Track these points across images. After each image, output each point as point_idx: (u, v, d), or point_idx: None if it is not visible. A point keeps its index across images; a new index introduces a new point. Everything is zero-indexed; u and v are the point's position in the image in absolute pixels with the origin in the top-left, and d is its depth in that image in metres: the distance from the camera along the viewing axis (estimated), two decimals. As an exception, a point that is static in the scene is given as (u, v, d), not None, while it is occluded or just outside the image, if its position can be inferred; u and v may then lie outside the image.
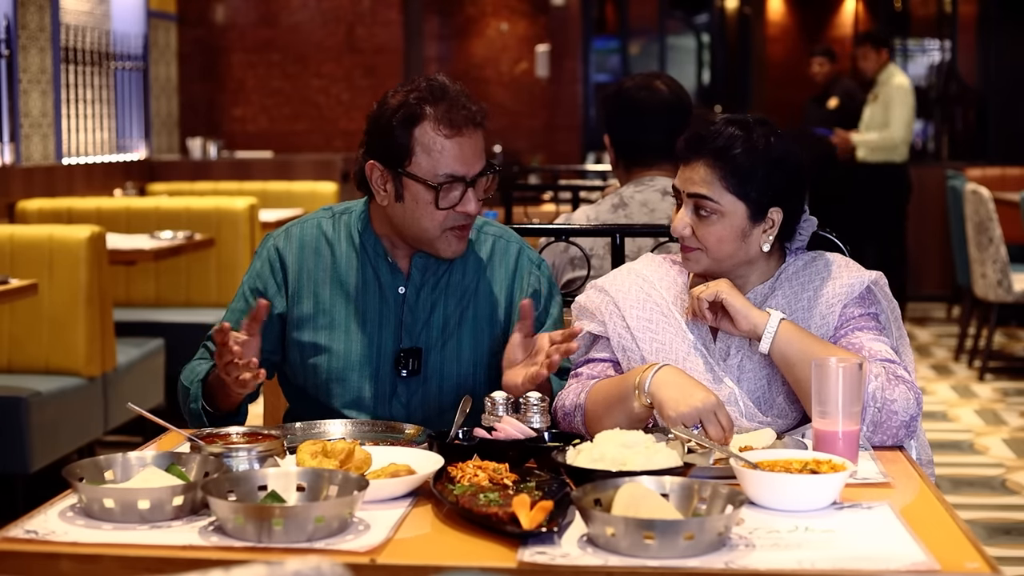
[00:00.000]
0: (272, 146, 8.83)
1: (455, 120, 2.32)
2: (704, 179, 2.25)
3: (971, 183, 7.10)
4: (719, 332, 2.32)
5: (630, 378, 2.16)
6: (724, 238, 2.26)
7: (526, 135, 10.38)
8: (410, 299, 2.44)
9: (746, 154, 2.25)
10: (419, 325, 2.44)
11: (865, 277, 2.31)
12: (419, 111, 2.33)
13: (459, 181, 2.34)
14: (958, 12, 10.37)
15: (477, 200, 2.36)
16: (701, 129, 2.29)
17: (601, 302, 2.39)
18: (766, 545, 1.68)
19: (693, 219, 2.28)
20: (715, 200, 2.25)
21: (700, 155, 2.26)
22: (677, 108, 3.26)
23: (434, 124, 2.32)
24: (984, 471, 5.17)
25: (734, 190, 2.25)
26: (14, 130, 6.57)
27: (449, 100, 2.34)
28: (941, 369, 7.26)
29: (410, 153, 2.34)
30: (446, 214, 2.35)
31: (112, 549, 1.70)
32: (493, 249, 2.52)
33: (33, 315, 4.69)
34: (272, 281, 2.48)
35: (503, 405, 2.19)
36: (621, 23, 11.49)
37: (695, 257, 2.30)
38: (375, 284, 2.45)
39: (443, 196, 2.34)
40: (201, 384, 2.40)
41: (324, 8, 8.98)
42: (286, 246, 2.49)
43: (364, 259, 2.46)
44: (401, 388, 2.44)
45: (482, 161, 2.37)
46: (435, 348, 2.44)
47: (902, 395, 2.16)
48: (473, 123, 2.35)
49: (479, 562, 1.65)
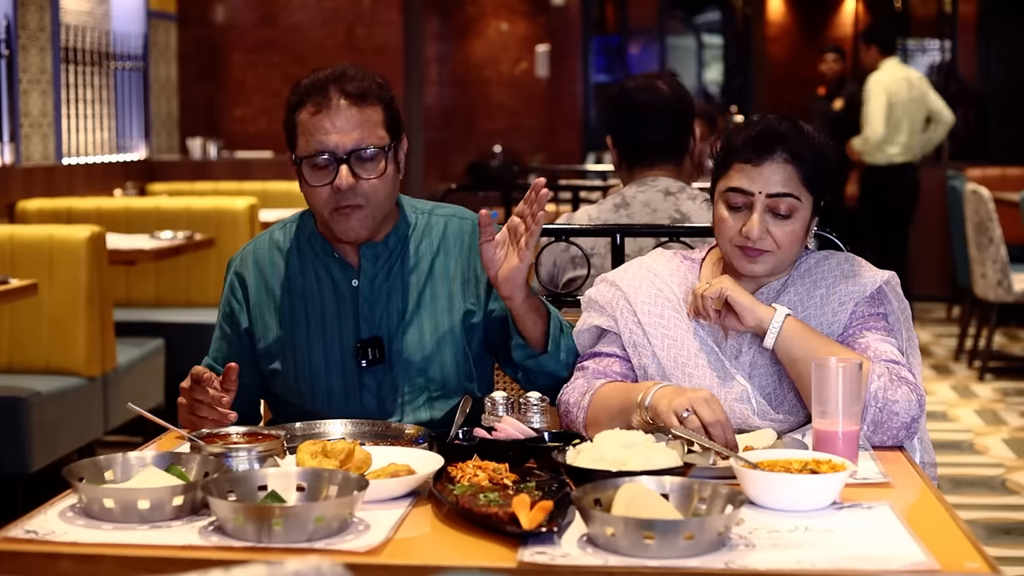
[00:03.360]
0: (272, 146, 8.83)
1: (322, 96, 2.34)
2: (786, 178, 2.24)
3: (971, 183, 7.10)
4: (731, 329, 2.32)
5: (633, 393, 2.16)
6: (799, 236, 2.27)
7: (526, 135, 10.38)
8: (364, 291, 2.45)
9: (814, 151, 2.26)
10: (377, 314, 2.44)
11: (878, 277, 2.31)
12: (300, 96, 2.37)
13: (329, 156, 2.34)
14: (958, 12, 10.37)
15: (350, 176, 2.33)
16: (767, 130, 2.26)
17: (612, 296, 2.38)
18: (766, 545, 1.68)
19: (769, 220, 2.26)
20: (798, 197, 2.25)
21: (772, 153, 2.25)
22: (679, 108, 3.26)
23: (308, 104, 2.35)
24: (984, 471, 5.17)
25: (809, 187, 2.26)
26: (14, 130, 6.56)
27: (325, 79, 2.36)
28: (941, 369, 7.26)
29: (295, 137, 2.39)
30: (327, 193, 2.35)
31: (112, 549, 1.70)
32: (446, 229, 2.51)
33: (33, 315, 4.69)
34: (234, 301, 2.52)
35: (503, 405, 2.19)
36: (621, 23, 11.49)
37: (764, 259, 2.28)
38: (328, 282, 2.46)
39: (310, 172, 2.35)
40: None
41: (324, 8, 8.97)
42: (242, 266, 2.53)
43: (315, 260, 2.48)
44: (368, 379, 2.43)
45: (358, 137, 2.33)
46: (396, 335, 2.44)
47: (904, 396, 2.16)
48: (346, 96, 2.34)
49: (479, 562, 1.65)
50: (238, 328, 2.50)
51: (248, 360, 2.47)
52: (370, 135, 2.35)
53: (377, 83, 2.39)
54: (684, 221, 3.15)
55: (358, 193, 2.35)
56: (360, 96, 2.35)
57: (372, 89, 2.37)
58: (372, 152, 2.34)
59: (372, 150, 2.34)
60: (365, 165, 2.35)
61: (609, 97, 3.37)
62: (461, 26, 10.51)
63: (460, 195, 5.48)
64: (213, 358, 2.52)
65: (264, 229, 6.47)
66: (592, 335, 2.41)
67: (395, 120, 2.41)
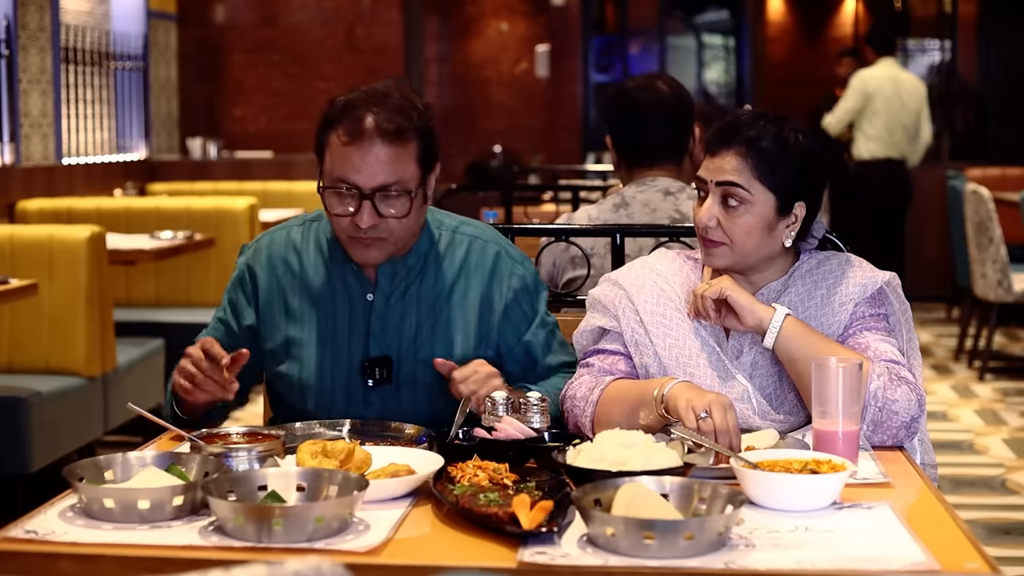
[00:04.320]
0: (272, 146, 8.83)
1: (355, 128, 2.25)
2: (735, 168, 2.24)
3: (971, 183, 7.10)
4: (731, 329, 2.32)
5: (648, 389, 2.16)
6: (752, 230, 2.25)
7: (526, 135, 10.38)
8: (378, 307, 2.40)
9: (777, 145, 2.25)
10: (388, 333, 2.40)
11: (879, 277, 2.31)
12: (335, 115, 2.29)
13: (353, 190, 2.27)
14: (958, 12, 10.37)
15: (372, 214, 2.26)
16: (731, 122, 2.28)
17: (615, 296, 2.38)
18: (766, 545, 1.68)
19: (720, 211, 2.26)
20: (746, 188, 2.24)
21: (731, 145, 2.25)
22: (679, 108, 3.27)
23: (340, 129, 2.27)
24: (984, 471, 5.17)
25: (764, 180, 2.24)
26: (14, 130, 6.57)
27: (363, 107, 2.26)
28: (941, 369, 7.26)
29: (323, 156, 2.32)
30: (347, 222, 2.29)
31: (112, 549, 1.70)
32: (469, 251, 2.45)
33: (33, 315, 4.69)
34: (242, 293, 2.48)
35: (503, 405, 2.19)
36: (621, 23, 11.49)
37: (719, 252, 2.28)
38: (343, 292, 2.42)
39: (331, 201, 2.29)
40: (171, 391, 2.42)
41: (324, 8, 8.97)
42: (255, 257, 2.48)
43: (332, 267, 2.43)
44: (373, 397, 2.40)
45: (386, 176, 2.26)
46: (407, 356, 2.40)
47: (904, 395, 2.16)
48: (380, 132, 2.25)
49: (479, 562, 1.65)
50: (240, 322, 2.47)
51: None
52: (399, 174, 2.27)
53: (417, 111, 2.30)
54: (684, 221, 3.15)
55: (380, 228, 2.29)
56: (395, 133, 2.26)
57: (409, 122, 2.27)
58: (398, 191, 2.28)
59: (399, 189, 2.28)
60: (390, 203, 2.28)
61: (609, 97, 3.37)
62: (461, 26, 10.51)
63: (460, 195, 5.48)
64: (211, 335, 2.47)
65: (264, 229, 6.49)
66: (595, 334, 2.41)
67: (430, 151, 2.32)
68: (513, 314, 2.44)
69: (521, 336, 2.44)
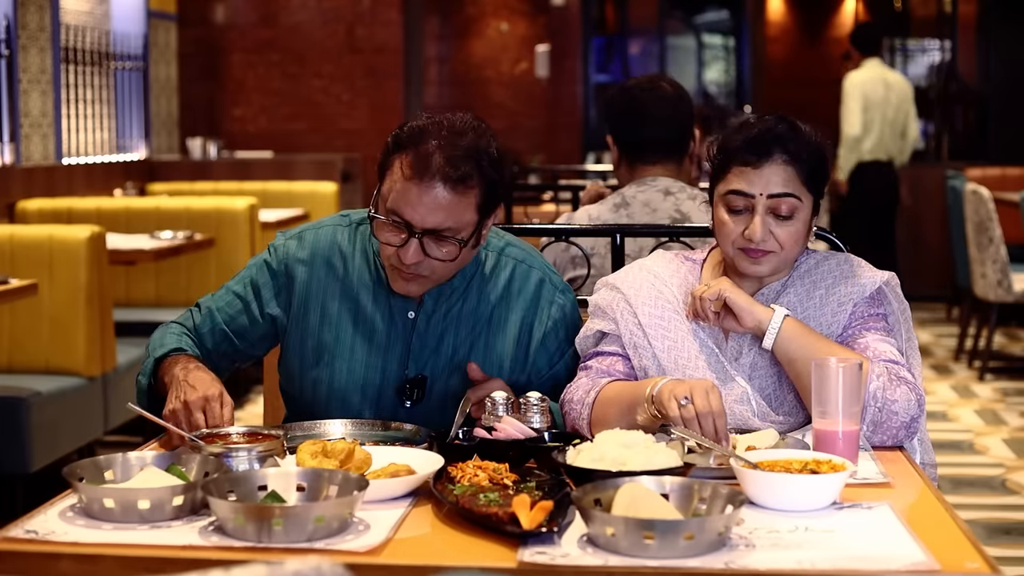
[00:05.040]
0: (272, 146, 8.83)
1: (420, 165, 2.19)
2: (787, 179, 2.25)
3: (971, 183, 7.10)
4: (730, 331, 2.32)
5: (642, 389, 2.16)
6: (801, 236, 2.28)
7: (526, 135, 10.37)
8: (420, 326, 2.37)
9: (813, 151, 2.27)
10: (427, 353, 2.37)
11: (877, 277, 2.31)
12: (405, 141, 2.23)
13: (403, 224, 2.22)
14: (958, 12, 10.37)
15: (418, 252, 2.22)
16: (765, 131, 2.26)
17: (612, 299, 2.38)
18: (766, 545, 1.68)
19: (772, 222, 2.26)
20: (799, 198, 2.25)
21: (771, 154, 2.24)
22: (681, 108, 3.29)
23: (406, 157, 2.21)
24: (984, 471, 5.17)
25: (809, 186, 2.27)
26: (14, 130, 6.57)
27: (434, 140, 2.20)
28: (941, 369, 7.26)
29: (384, 177, 2.26)
30: (391, 250, 2.25)
31: (112, 549, 1.70)
32: (512, 276, 2.41)
33: (33, 315, 4.69)
34: (272, 282, 2.42)
35: (503, 405, 2.19)
36: (621, 23, 11.49)
37: (768, 260, 2.27)
38: (386, 305, 2.38)
39: (382, 226, 2.24)
40: (156, 362, 2.38)
41: (324, 8, 8.97)
42: (298, 250, 2.42)
43: (376, 278, 2.39)
44: (403, 415, 2.37)
45: (440, 220, 2.20)
46: (441, 377, 2.38)
47: (903, 395, 2.16)
48: (444, 176, 2.18)
49: (479, 562, 1.65)
50: (263, 308, 2.41)
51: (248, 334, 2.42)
52: (455, 220, 2.22)
53: (488, 158, 2.23)
54: (684, 221, 3.15)
55: (423, 266, 2.25)
56: (460, 180, 2.19)
57: (477, 169, 2.21)
58: (450, 236, 2.22)
59: (450, 235, 2.22)
60: (439, 245, 2.23)
61: (612, 96, 3.38)
62: (461, 26, 10.51)
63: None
64: (218, 308, 2.43)
65: (264, 229, 6.48)
66: (596, 339, 2.41)
67: (492, 198, 2.26)
68: (549, 343, 2.43)
69: (553, 365, 2.43)
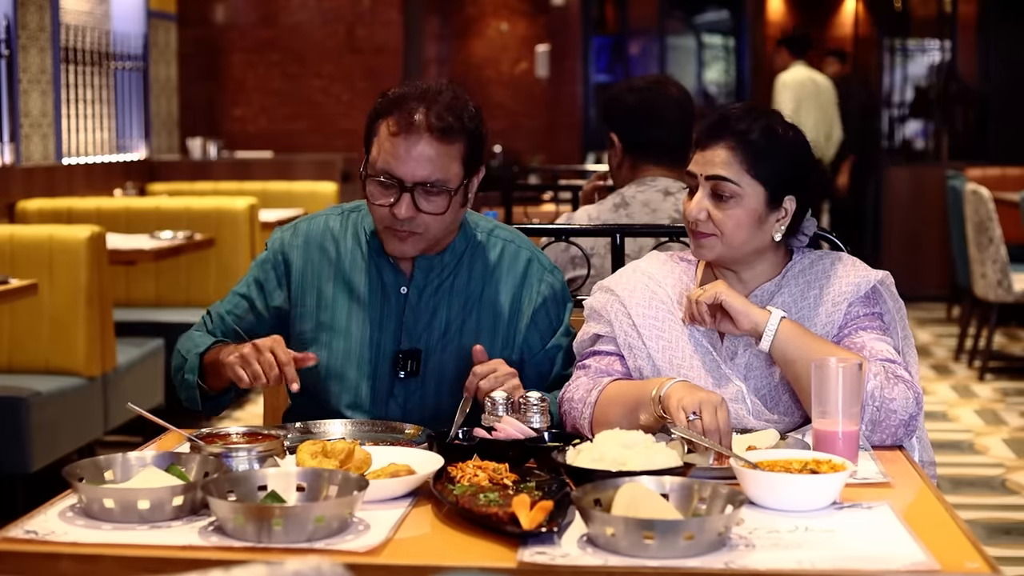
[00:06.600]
0: (272, 146, 8.83)
1: (404, 121, 2.29)
2: (725, 161, 2.25)
3: (971, 183, 7.10)
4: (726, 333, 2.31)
5: (647, 389, 2.16)
6: (741, 222, 2.26)
7: (526, 135, 10.38)
8: (412, 300, 2.44)
9: (766, 138, 2.26)
10: (420, 327, 2.44)
11: (872, 276, 2.31)
12: (387, 106, 2.33)
13: (394, 181, 2.31)
14: (958, 12, 10.37)
15: (411, 207, 2.30)
16: (719, 116, 2.29)
17: (607, 301, 2.39)
18: (766, 545, 1.68)
19: (710, 204, 2.26)
20: (735, 181, 2.25)
21: (720, 138, 2.26)
22: (687, 110, 3.31)
23: (390, 119, 2.31)
24: (984, 471, 5.17)
25: (753, 172, 2.25)
26: (14, 130, 6.56)
27: (415, 101, 2.31)
28: (941, 369, 7.26)
29: (370, 144, 2.36)
30: (385, 211, 2.33)
31: (112, 549, 1.70)
32: (502, 255, 2.49)
33: (33, 315, 4.69)
34: (273, 274, 2.50)
35: (503, 405, 2.19)
36: (621, 23, 11.50)
37: (709, 244, 2.29)
38: (378, 283, 2.45)
39: (373, 190, 2.33)
40: (199, 357, 2.42)
41: (324, 8, 8.97)
42: (292, 240, 2.50)
43: (368, 257, 2.46)
44: (398, 389, 2.43)
45: (429, 172, 2.30)
46: (435, 351, 2.43)
47: (901, 394, 2.16)
48: (429, 127, 2.29)
49: (479, 562, 1.65)
50: (268, 302, 2.49)
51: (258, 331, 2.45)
52: (443, 171, 2.31)
53: (468, 113, 2.33)
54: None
55: (417, 222, 2.34)
56: (444, 131, 2.29)
57: (459, 122, 2.31)
58: (439, 188, 2.32)
59: (440, 186, 2.32)
60: (430, 199, 2.32)
61: (615, 96, 3.37)
62: (461, 26, 10.51)
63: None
64: (227, 312, 2.51)
65: (264, 229, 6.48)
66: (592, 343, 2.41)
67: (476, 153, 2.36)
68: (540, 321, 2.47)
69: (546, 343, 2.47)
